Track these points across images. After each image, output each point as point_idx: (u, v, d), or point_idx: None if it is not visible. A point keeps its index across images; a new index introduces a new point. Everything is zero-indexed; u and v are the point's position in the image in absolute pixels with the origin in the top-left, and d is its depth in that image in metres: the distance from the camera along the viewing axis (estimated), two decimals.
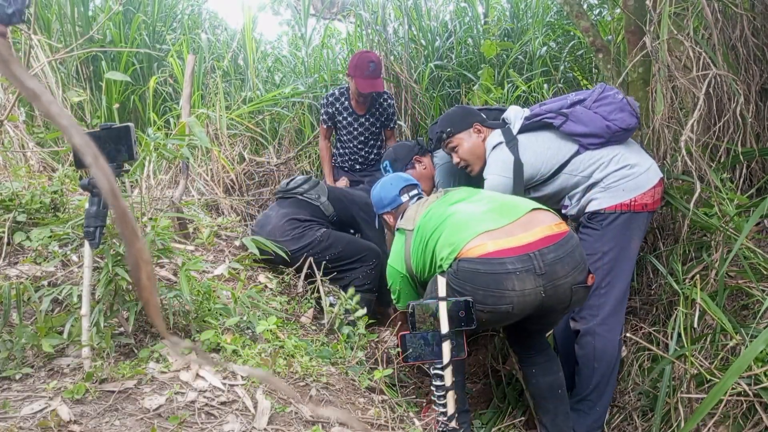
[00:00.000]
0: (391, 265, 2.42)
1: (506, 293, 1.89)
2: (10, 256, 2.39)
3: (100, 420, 1.59)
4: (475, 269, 1.92)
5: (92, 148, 0.39)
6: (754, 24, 2.58)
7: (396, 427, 2.02)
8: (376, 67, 3.87)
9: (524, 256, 1.91)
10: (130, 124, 1.80)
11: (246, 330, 2.26)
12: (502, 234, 1.97)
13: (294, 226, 3.21)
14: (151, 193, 3.24)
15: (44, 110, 0.39)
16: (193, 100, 4.34)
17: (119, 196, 0.40)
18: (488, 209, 2.10)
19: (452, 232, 2.08)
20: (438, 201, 2.35)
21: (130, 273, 0.43)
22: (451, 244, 2.03)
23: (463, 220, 2.09)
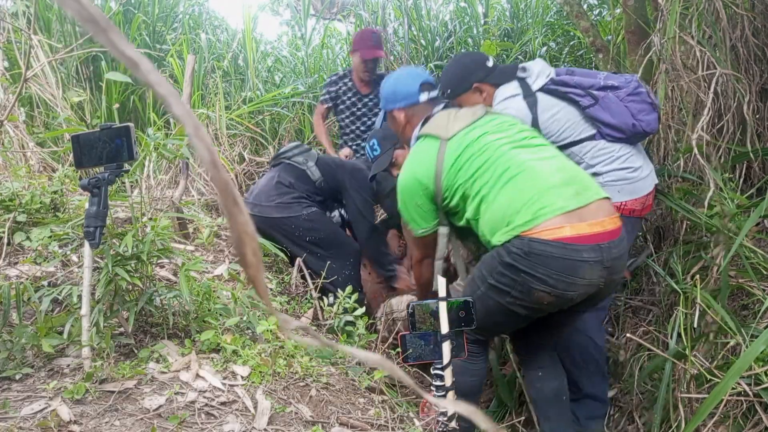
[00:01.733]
0: (412, 175, 2.07)
1: (577, 281, 1.80)
2: (10, 256, 2.39)
3: (100, 420, 1.59)
4: (550, 252, 1.78)
5: (193, 118, 0.38)
6: (755, 24, 2.58)
7: (396, 427, 2.02)
8: (378, 38, 3.94)
9: (596, 246, 1.81)
10: (130, 124, 1.80)
11: (246, 330, 2.26)
12: (576, 218, 1.81)
13: (280, 192, 3.17)
14: (151, 193, 3.24)
15: (144, 78, 0.37)
16: (193, 100, 4.34)
17: (221, 168, 0.38)
18: (562, 179, 1.87)
19: (523, 198, 1.84)
20: (485, 123, 2.05)
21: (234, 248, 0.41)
22: (523, 214, 1.82)
23: (534, 186, 1.85)
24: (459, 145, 2.00)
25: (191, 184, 3.99)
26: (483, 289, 1.95)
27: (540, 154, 1.96)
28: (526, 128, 2.12)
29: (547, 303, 1.85)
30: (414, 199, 2.09)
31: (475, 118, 2.08)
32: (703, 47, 2.46)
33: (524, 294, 1.84)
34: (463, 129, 2.03)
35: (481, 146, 1.97)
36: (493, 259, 1.90)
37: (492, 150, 1.95)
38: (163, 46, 5.14)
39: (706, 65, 2.41)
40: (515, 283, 1.84)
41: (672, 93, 2.55)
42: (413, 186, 2.07)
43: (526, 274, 1.80)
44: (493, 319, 1.98)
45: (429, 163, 2.04)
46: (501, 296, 1.89)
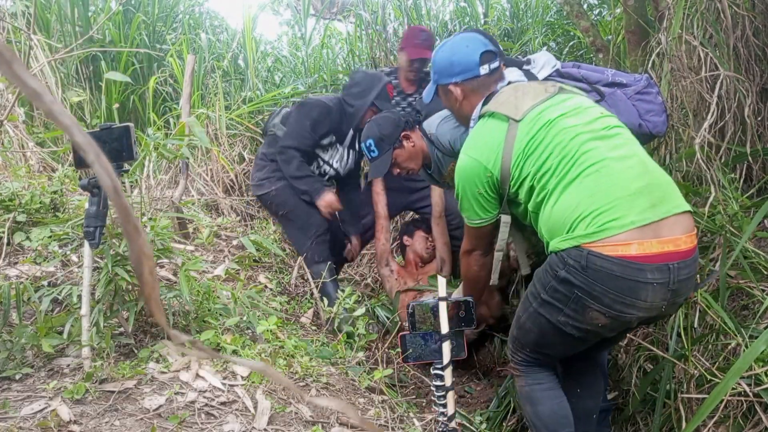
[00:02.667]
0: (475, 161, 1.83)
1: (637, 303, 1.61)
2: (10, 256, 2.39)
3: (100, 420, 1.59)
4: (610, 270, 1.59)
5: (94, 146, 0.39)
6: (755, 24, 2.58)
7: (396, 427, 2.02)
8: (428, 37, 3.68)
9: (663, 267, 1.60)
10: (130, 124, 1.80)
11: (246, 330, 2.26)
12: (649, 233, 1.60)
13: (258, 167, 3.31)
14: (151, 193, 3.24)
15: (46, 110, 0.39)
16: (193, 100, 4.34)
17: (121, 194, 0.41)
18: (640, 187, 1.63)
19: (593, 203, 1.63)
20: (560, 102, 1.80)
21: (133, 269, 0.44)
22: (588, 224, 1.62)
23: (608, 192, 1.63)
24: (531, 127, 1.76)
25: (191, 184, 3.99)
26: (535, 306, 1.78)
27: (620, 151, 1.70)
28: (606, 113, 1.83)
29: (601, 325, 1.67)
30: (475, 187, 1.86)
31: (547, 95, 1.82)
32: (706, 48, 2.46)
33: (578, 313, 1.66)
34: (535, 108, 1.79)
35: (556, 132, 1.72)
36: (546, 274, 1.73)
37: (567, 138, 1.71)
38: (163, 46, 5.14)
39: (709, 66, 2.41)
40: (568, 300, 1.66)
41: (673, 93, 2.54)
42: (476, 172, 1.83)
43: (581, 290, 1.63)
44: (546, 338, 1.82)
45: (496, 147, 1.80)
46: (553, 314, 1.72)
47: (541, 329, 1.79)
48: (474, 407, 2.75)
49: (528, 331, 1.85)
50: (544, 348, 1.87)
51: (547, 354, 1.90)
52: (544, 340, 1.82)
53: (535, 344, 1.85)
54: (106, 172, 0.39)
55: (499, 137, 1.80)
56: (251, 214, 4.31)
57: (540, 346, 1.85)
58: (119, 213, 0.41)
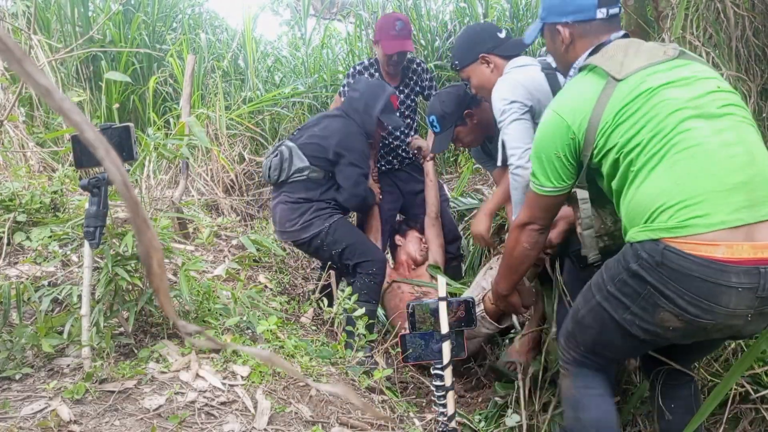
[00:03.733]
0: (559, 117, 1.62)
1: (716, 309, 1.41)
2: (10, 256, 2.39)
3: (100, 420, 1.59)
4: (688, 269, 1.40)
5: (104, 142, 0.40)
6: (755, 24, 2.58)
7: (396, 427, 2.02)
8: (404, 26, 3.25)
9: (753, 270, 1.38)
10: (130, 124, 1.80)
11: (246, 330, 2.26)
12: (742, 235, 1.39)
13: (298, 212, 3.00)
14: (151, 193, 3.24)
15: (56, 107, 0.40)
16: (193, 100, 4.34)
17: (131, 188, 0.42)
18: (741, 180, 1.41)
19: (680, 192, 1.42)
20: (673, 68, 1.55)
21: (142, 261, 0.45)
22: (671, 215, 1.42)
23: (700, 181, 1.41)
24: (631, 91, 1.53)
25: (191, 184, 3.99)
26: (598, 298, 1.59)
27: (725, 135, 1.45)
28: (725, 87, 1.57)
29: (672, 328, 1.48)
30: (553, 147, 1.64)
31: (663, 58, 1.58)
32: (707, 48, 2.46)
33: (647, 312, 1.48)
34: (643, 70, 1.55)
35: (655, 103, 1.50)
36: (617, 264, 1.54)
37: (665, 112, 1.48)
38: (162, 46, 5.14)
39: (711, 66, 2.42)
40: (638, 297, 1.48)
41: None
42: (557, 130, 1.62)
43: (654, 287, 1.45)
44: (606, 337, 1.63)
45: (586, 105, 1.57)
46: (619, 310, 1.53)
47: (602, 326, 1.60)
48: (474, 407, 2.75)
49: (586, 327, 1.66)
50: (602, 348, 1.68)
51: (604, 355, 1.71)
52: (604, 339, 1.64)
53: (593, 343, 1.67)
54: (115, 167, 0.40)
55: (592, 96, 1.57)
56: (251, 214, 4.32)
57: (598, 345, 1.67)
58: (129, 207, 0.42)
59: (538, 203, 1.78)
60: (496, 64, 2.38)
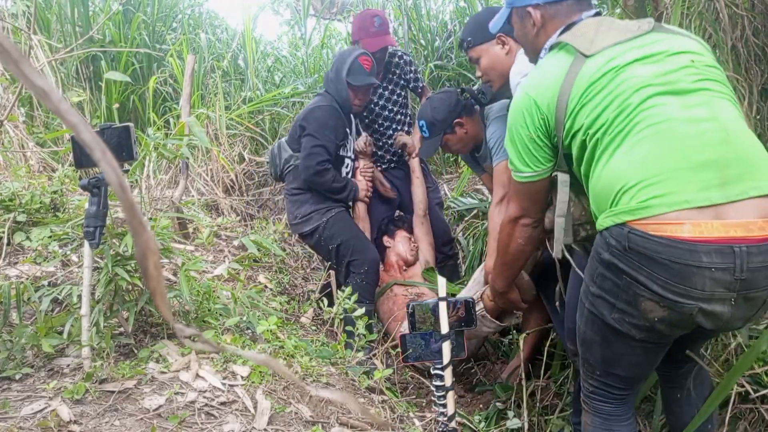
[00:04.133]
0: (528, 97, 1.55)
1: (691, 292, 1.30)
2: (10, 256, 2.39)
3: (100, 420, 1.59)
4: (655, 251, 1.30)
5: (100, 144, 0.40)
6: (755, 24, 2.58)
7: (396, 427, 2.02)
8: (382, 21, 3.21)
9: (726, 249, 1.27)
10: (130, 124, 1.80)
11: (246, 330, 2.26)
12: (711, 215, 1.29)
13: (296, 204, 3.06)
14: (151, 193, 3.24)
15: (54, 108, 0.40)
16: (193, 100, 4.34)
17: (127, 190, 0.41)
18: (711, 157, 1.31)
19: (642, 171, 1.34)
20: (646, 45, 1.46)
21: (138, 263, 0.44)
22: (633, 195, 1.34)
23: (663, 158, 1.33)
24: (599, 68, 1.45)
25: (191, 184, 3.99)
26: (587, 305, 1.49)
27: (695, 111, 1.36)
28: (706, 62, 1.48)
29: (658, 319, 1.36)
30: (526, 128, 1.56)
31: (636, 33, 1.49)
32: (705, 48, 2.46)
33: (631, 305, 1.38)
34: (614, 47, 1.47)
35: (622, 80, 1.42)
36: (592, 259, 1.47)
37: (630, 89, 1.40)
38: (162, 46, 5.15)
39: None
40: (619, 290, 1.38)
41: None
42: (528, 111, 1.55)
43: (628, 275, 1.35)
44: (611, 349, 1.50)
45: (554, 83, 1.50)
46: (605, 311, 1.43)
47: (601, 335, 1.48)
48: (474, 407, 2.75)
49: (591, 344, 1.53)
50: (613, 364, 1.53)
51: (618, 375, 1.55)
52: (610, 352, 1.50)
53: (603, 361, 1.53)
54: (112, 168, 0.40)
55: (559, 73, 1.50)
56: (251, 214, 4.31)
57: (608, 362, 1.53)
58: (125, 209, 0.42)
59: (521, 192, 1.69)
60: (512, 47, 2.33)
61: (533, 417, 2.46)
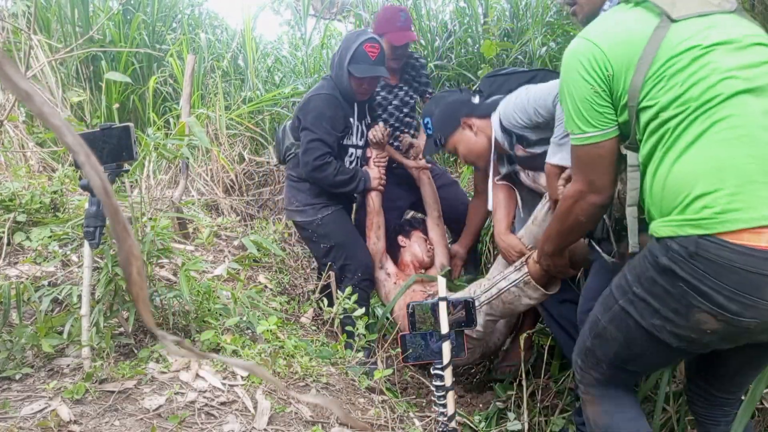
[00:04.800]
0: (591, 40, 1.36)
1: (760, 304, 1.23)
2: (10, 256, 2.39)
3: (100, 420, 1.59)
4: (729, 260, 1.21)
5: (84, 147, 0.40)
6: None
7: (396, 427, 2.02)
8: (407, 17, 3.21)
9: None
10: (130, 124, 1.80)
11: (246, 330, 2.26)
12: None
13: (294, 191, 3.03)
14: (151, 193, 3.24)
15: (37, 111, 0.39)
16: (193, 100, 4.34)
17: (111, 195, 0.41)
18: None
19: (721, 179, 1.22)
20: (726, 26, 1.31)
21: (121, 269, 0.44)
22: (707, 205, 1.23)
23: (744, 167, 1.22)
24: (682, 40, 1.29)
25: (191, 184, 3.99)
26: (622, 303, 1.41)
27: (758, 119, 1.25)
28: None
29: (710, 331, 1.28)
30: (588, 81, 1.36)
31: (718, 8, 1.34)
32: None
33: (679, 314, 1.29)
34: (698, 17, 1.32)
35: (706, 62, 1.27)
36: (643, 260, 1.36)
37: (715, 79, 1.26)
38: (162, 46, 5.15)
39: None
40: (669, 297, 1.29)
41: None
42: (593, 60, 1.35)
43: (687, 283, 1.26)
44: (633, 350, 1.43)
45: (635, 40, 1.31)
46: (646, 315, 1.35)
47: (627, 335, 1.41)
48: (474, 407, 2.76)
49: (609, 340, 1.46)
50: (628, 362, 1.48)
51: (629, 370, 1.51)
52: (630, 351, 1.44)
53: (616, 357, 1.47)
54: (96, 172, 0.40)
55: (644, 31, 1.31)
56: (251, 214, 4.31)
57: (623, 359, 1.47)
58: (109, 213, 0.42)
59: (586, 159, 1.45)
60: (479, 126, 2.37)
61: (533, 417, 2.46)
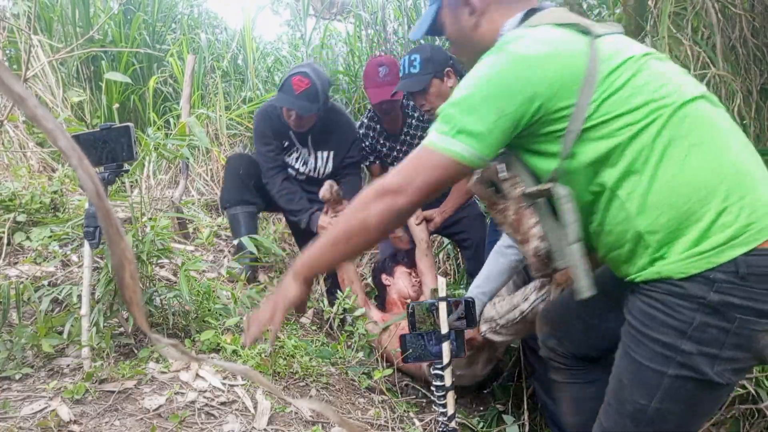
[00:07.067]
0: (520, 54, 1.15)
1: None
2: (10, 256, 2.39)
3: (100, 420, 1.59)
4: None
5: (77, 150, 0.40)
6: (753, 24, 2.58)
7: (396, 427, 2.02)
8: (388, 71, 2.97)
9: None
10: (130, 124, 1.80)
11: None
12: None
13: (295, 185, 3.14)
14: (151, 193, 3.24)
15: (30, 114, 0.39)
16: (193, 100, 4.34)
17: (104, 198, 0.41)
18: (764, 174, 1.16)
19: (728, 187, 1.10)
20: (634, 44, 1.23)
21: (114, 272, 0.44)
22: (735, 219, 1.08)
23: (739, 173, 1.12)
24: (617, 51, 1.17)
25: (191, 184, 3.99)
26: (672, 372, 1.14)
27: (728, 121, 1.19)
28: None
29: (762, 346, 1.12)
30: (511, 99, 1.13)
31: (616, 29, 1.26)
32: (699, 47, 2.47)
33: (740, 348, 1.11)
34: (609, 35, 1.22)
35: (653, 72, 1.16)
36: (680, 310, 1.12)
37: (672, 85, 1.15)
38: (162, 46, 5.15)
39: (702, 64, 2.42)
40: (727, 335, 1.10)
41: None
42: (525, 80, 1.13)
43: (746, 310, 1.08)
44: (697, 411, 1.20)
45: (578, 58, 1.14)
46: (707, 366, 1.12)
47: (690, 401, 1.16)
48: (474, 408, 2.75)
49: (668, 418, 1.18)
50: (692, 426, 1.23)
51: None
52: (695, 415, 1.20)
53: (679, 428, 1.20)
54: (88, 176, 0.40)
55: (580, 48, 1.15)
56: None
57: (687, 427, 1.21)
58: (102, 217, 0.41)
59: (429, 168, 1.18)
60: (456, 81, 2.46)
61: (535, 417, 2.46)
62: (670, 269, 1.11)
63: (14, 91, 0.39)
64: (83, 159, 0.40)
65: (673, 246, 1.12)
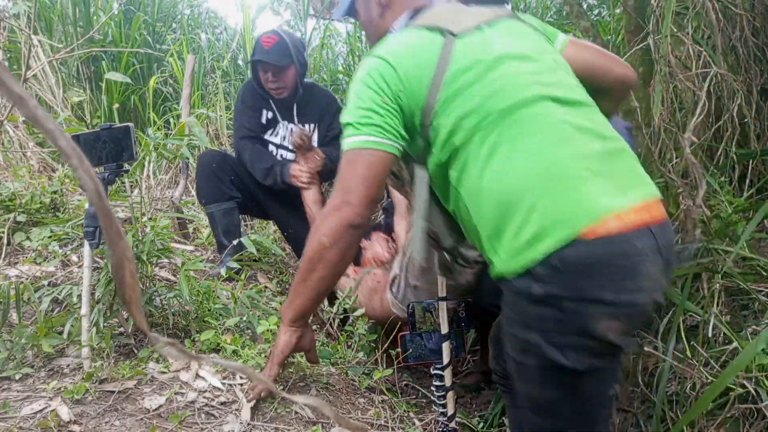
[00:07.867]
0: (382, 57, 1.29)
1: (643, 284, 1.15)
2: (10, 256, 2.39)
3: (100, 420, 1.59)
4: (594, 255, 1.12)
5: (77, 151, 0.40)
6: (754, 24, 2.58)
7: (396, 427, 2.02)
8: None
9: (645, 231, 1.16)
10: (130, 124, 1.81)
11: (246, 330, 2.26)
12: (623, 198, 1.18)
13: None
14: (151, 193, 3.24)
15: (30, 115, 0.39)
16: (193, 100, 4.34)
17: (104, 198, 0.41)
18: (607, 170, 1.18)
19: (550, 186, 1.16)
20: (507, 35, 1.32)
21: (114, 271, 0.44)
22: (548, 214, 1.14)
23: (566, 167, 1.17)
24: (468, 52, 1.26)
25: (191, 184, 3.99)
26: (533, 361, 1.21)
27: (581, 121, 1.23)
28: (564, 64, 1.35)
29: (621, 333, 1.16)
30: (376, 95, 1.28)
31: (494, 16, 1.34)
32: (701, 46, 2.47)
33: (581, 333, 1.15)
34: (479, 27, 1.30)
35: (498, 76, 1.24)
36: (515, 304, 1.22)
37: (513, 88, 1.22)
38: (163, 46, 5.15)
39: (703, 63, 2.42)
40: (563, 324, 1.15)
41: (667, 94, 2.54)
42: (383, 77, 1.28)
43: (571, 300, 1.13)
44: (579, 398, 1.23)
45: (427, 61, 1.26)
46: (557, 354, 1.17)
47: (566, 389, 1.22)
48: (473, 408, 2.76)
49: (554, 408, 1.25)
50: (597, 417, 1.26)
51: None
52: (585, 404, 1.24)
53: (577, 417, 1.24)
54: (89, 176, 0.40)
55: (432, 52, 1.26)
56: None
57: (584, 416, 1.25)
58: (102, 217, 0.41)
59: (352, 169, 1.27)
60: None
61: None
62: (504, 268, 1.20)
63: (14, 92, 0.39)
64: (83, 160, 0.40)
65: (500, 245, 1.20)
